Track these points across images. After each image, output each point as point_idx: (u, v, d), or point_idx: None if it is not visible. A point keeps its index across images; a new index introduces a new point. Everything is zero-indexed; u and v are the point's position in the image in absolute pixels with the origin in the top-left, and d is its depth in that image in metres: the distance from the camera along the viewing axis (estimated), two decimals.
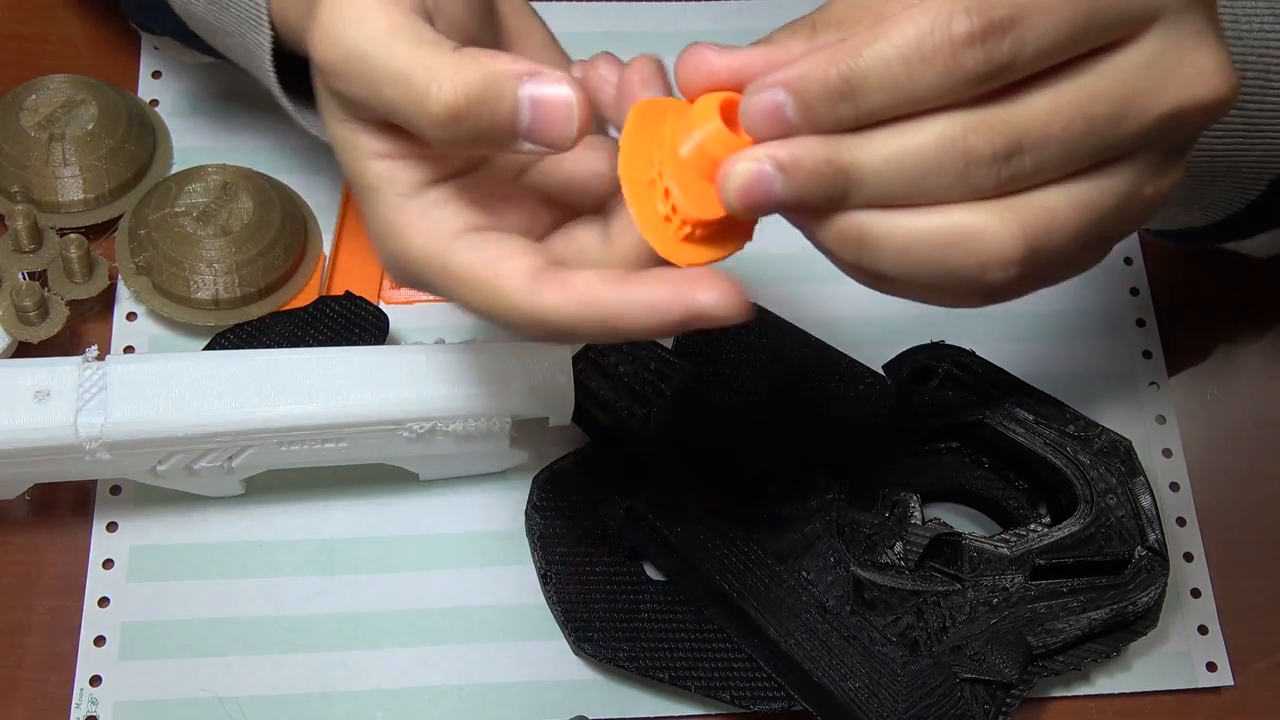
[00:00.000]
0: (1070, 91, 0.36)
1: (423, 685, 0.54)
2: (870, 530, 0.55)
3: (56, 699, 0.52)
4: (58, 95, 0.60)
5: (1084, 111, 0.36)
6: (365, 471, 0.55)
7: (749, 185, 0.36)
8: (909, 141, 0.36)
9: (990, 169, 0.35)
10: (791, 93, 0.35)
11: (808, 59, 0.35)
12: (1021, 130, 0.35)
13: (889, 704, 0.51)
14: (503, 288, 0.39)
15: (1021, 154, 0.36)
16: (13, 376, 0.50)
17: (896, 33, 0.35)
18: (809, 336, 0.59)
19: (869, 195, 0.36)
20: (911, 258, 0.37)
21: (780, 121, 0.36)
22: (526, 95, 0.37)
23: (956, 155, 0.35)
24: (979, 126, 0.35)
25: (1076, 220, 0.37)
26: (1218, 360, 0.64)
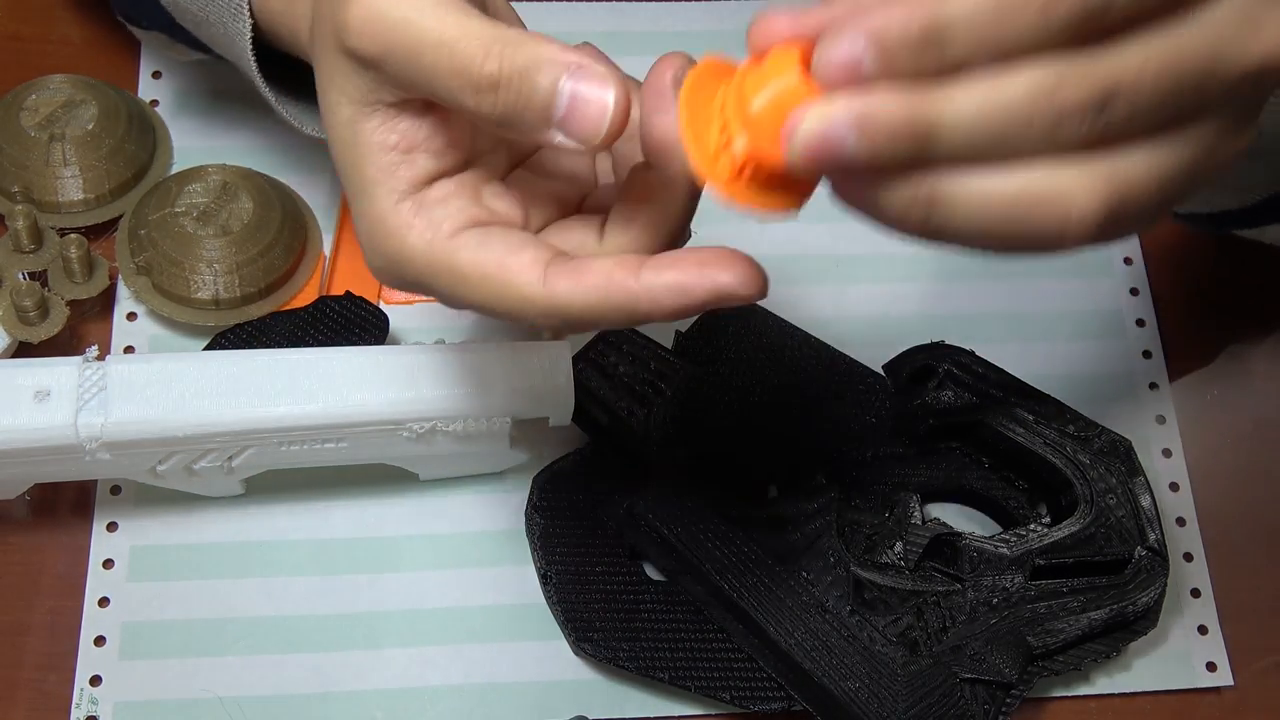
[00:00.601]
0: (1161, 43, 0.34)
1: (423, 685, 0.54)
2: (870, 530, 0.55)
3: (56, 699, 0.52)
4: (58, 95, 0.60)
5: (1175, 63, 0.34)
6: (365, 471, 0.55)
7: (818, 142, 0.33)
8: (1000, 93, 0.34)
9: (1081, 122, 0.34)
10: (872, 41, 0.33)
11: (889, 6, 0.33)
12: (1115, 81, 0.34)
13: (889, 704, 0.51)
14: (515, 281, 0.39)
15: (1114, 106, 0.34)
16: (13, 376, 0.50)
17: None
18: (809, 336, 0.59)
19: (951, 151, 0.34)
20: (989, 219, 0.35)
21: (857, 73, 0.33)
22: (567, 88, 0.37)
23: (1049, 107, 0.34)
24: (1073, 77, 0.34)
25: (1157, 181, 0.36)
26: (1218, 360, 0.64)
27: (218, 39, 0.53)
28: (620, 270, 0.38)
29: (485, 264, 0.39)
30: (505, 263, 0.39)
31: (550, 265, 0.39)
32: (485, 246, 0.39)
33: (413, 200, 0.40)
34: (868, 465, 0.57)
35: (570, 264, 0.39)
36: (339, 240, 0.61)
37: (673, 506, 0.53)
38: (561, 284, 0.38)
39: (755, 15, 0.35)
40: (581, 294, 0.38)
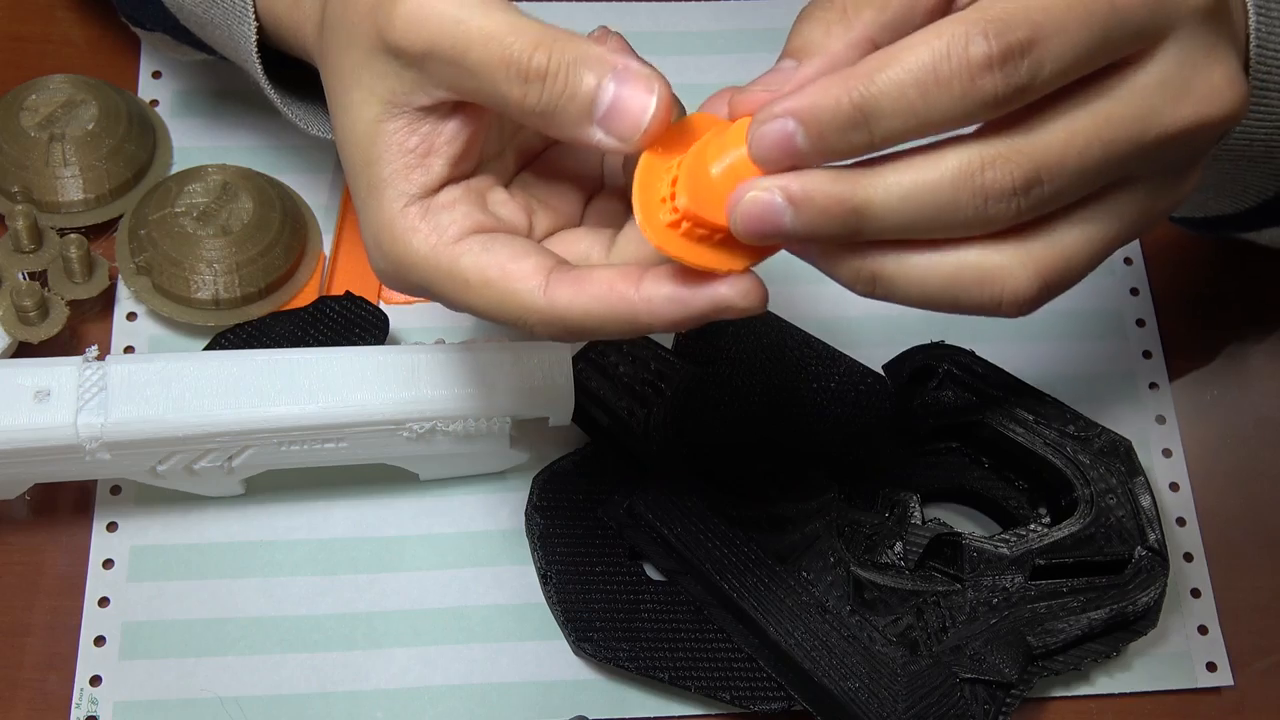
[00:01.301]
0: (1086, 117, 0.35)
1: (423, 685, 0.54)
2: (870, 530, 0.55)
3: (56, 699, 0.52)
4: (58, 95, 0.60)
5: (1101, 137, 0.35)
6: (365, 471, 0.55)
7: (759, 214, 0.36)
8: (925, 176, 0.35)
9: (1008, 202, 0.35)
10: (802, 122, 0.35)
11: (819, 86, 0.35)
12: (1040, 160, 0.35)
13: (889, 704, 0.51)
14: (517, 288, 0.39)
15: (1040, 185, 0.35)
16: (13, 376, 0.50)
17: (911, 57, 0.34)
18: (809, 336, 0.59)
19: (882, 230, 0.36)
20: (929, 293, 0.37)
21: (790, 151, 0.35)
22: (610, 87, 0.37)
23: (975, 190, 0.35)
24: (997, 159, 0.35)
25: (1090, 250, 0.37)
26: (1218, 360, 0.64)
27: (221, 41, 0.53)
28: (621, 281, 0.38)
29: (488, 270, 0.39)
30: (507, 269, 0.39)
31: (552, 273, 0.39)
32: (489, 252, 0.40)
33: (420, 204, 0.40)
34: (868, 465, 0.57)
35: (572, 273, 0.39)
36: (339, 240, 0.61)
37: (673, 506, 0.53)
38: (563, 292, 0.38)
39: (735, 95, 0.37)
40: (582, 303, 0.38)
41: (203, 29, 0.54)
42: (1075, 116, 0.35)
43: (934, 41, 0.34)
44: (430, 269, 0.40)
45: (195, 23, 0.54)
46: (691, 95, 0.66)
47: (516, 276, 0.39)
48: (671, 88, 0.38)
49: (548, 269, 0.39)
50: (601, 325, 0.39)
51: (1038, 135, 0.35)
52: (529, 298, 0.39)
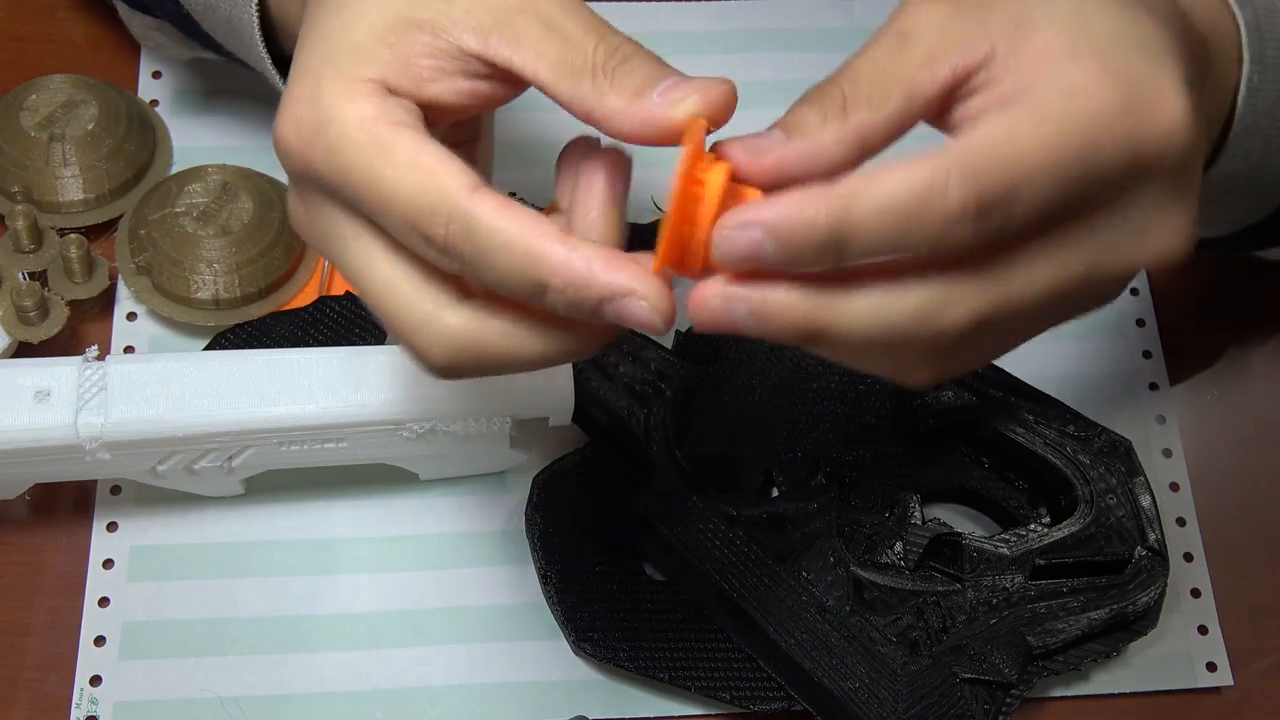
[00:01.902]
0: (1048, 262, 0.36)
1: (423, 685, 0.54)
2: (870, 530, 0.55)
3: (56, 699, 0.52)
4: (58, 95, 0.60)
5: (1059, 281, 0.36)
6: (365, 471, 0.55)
7: (716, 315, 0.36)
8: (890, 308, 0.35)
9: (960, 341, 0.36)
10: (775, 236, 0.34)
11: (795, 202, 0.34)
12: (999, 304, 0.36)
13: (889, 704, 0.51)
14: (445, 181, 0.36)
15: (996, 325, 0.36)
16: (13, 376, 0.50)
17: (888, 191, 0.34)
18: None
19: (839, 348, 0.36)
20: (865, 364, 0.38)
21: (756, 259, 0.35)
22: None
23: (932, 328, 0.35)
24: (959, 300, 0.35)
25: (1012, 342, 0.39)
26: (1218, 361, 0.64)
27: (221, 25, 0.53)
28: (549, 224, 0.36)
29: (423, 153, 0.36)
30: (444, 161, 0.37)
31: (482, 187, 0.37)
32: (430, 146, 0.37)
33: (379, 87, 0.38)
34: (868, 465, 0.57)
35: (502, 196, 0.37)
36: None
37: (673, 506, 0.53)
38: (489, 203, 0.36)
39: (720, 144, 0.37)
40: (504, 223, 0.36)
41: (206, 13, 0.54)
42: (1037, 260, 0.36)
43: (914, 181, 0.34)
44: (358, 132, 0.37)
45: (200, 5, 0.53)
46: None
47: (451, 171, 0.36)
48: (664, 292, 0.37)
49: (479, 182, 0.37)
50: (510, 256, 0.36)
51: (1001, 278, 0.35)
52: (455, 193, 0.36)
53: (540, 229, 0.36)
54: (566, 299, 0.36)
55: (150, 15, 0.59)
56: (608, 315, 0.36)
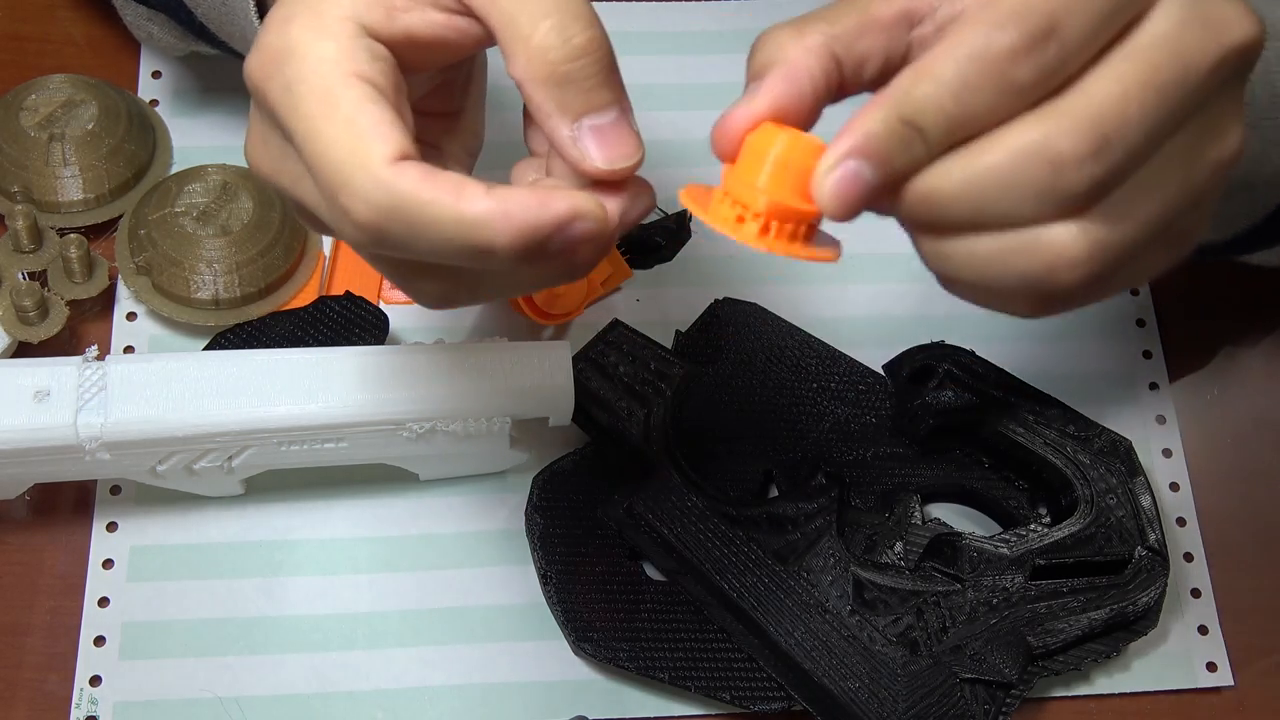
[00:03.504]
0: (1132, 71, 0.35)
1: (423, 685, 0.54)
2: (870, 530, 0.55)
3: (56, 699, 0.52)
4: (58, 95, 0.60)
5: (1153, 84, 0.35)
6: (365, 471, 0.55)
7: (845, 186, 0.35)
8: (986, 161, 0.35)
9: (1079, 170, 0.35)
10: (865, 156, 0.35)
11: (861, 117, 0.35)
12: (1104, 119, 0.35)
13: (889, 704, 0.51)
14: (371, 147, 0.36)
15: (1110, 146, 0.35)
16: (13, 376, 0.50)
17: (940, 67, 0.34)
18: (809, 336, 0.59)
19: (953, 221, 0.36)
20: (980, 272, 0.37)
21: (863, 187, 0.35)
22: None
23: (1044, 164, 0.35)
24: (1061, 129, 0.35)
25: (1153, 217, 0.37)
26: (1218, 360, 0.64)
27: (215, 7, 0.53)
28: (475, 184, 0.36)
29: (361, 115, 0.36)
30: (380, 126, 0.36)
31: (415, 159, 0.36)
32: (376, 104, 0.37)
33: (349, 21, 0.37)
34: (868, 465, 0.57)
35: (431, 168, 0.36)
36: (339, 240, 0.61)
37: (673, 506, 0.53)
38: (413, 171, 0.36)
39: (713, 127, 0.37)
40: (429, 187, 0.35)
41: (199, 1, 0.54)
42: (1123, 72, 0.35)
43: (958, 49, 0.34)
44: (314, 75, 0.37)
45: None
46: (692, 95, 0.66)
47: (383, 135, 0.36)
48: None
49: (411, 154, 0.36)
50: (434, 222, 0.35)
51: (1094, 97, 0.35)
52: (375, 161, 0.35)
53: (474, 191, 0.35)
54: (517, 249, 0.36)
55: (145, 4, 0.59)
56: (557, 246, 0.36)
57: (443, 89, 0.43)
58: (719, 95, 0.66)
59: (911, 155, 0.35)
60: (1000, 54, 0.34)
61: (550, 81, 0.36)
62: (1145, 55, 0.35)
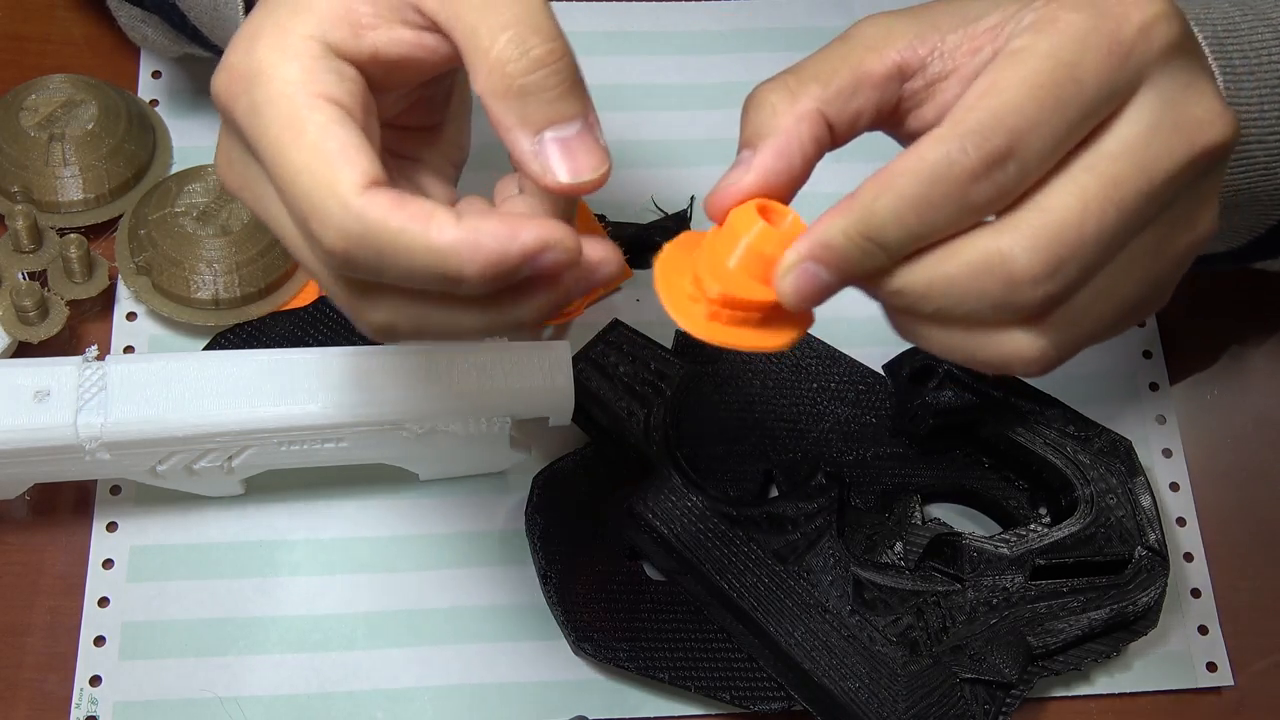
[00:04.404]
0: (1093, 184, 0.36)
1: (423, 685, 0.54)
2: (870, 530, 0.55)
3: (56, 699, 0.52)
4: (58, 95, 0.60)
5: (1112, 199, 0.36)
6: (365, 471, 0.55)
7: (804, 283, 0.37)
8: (946, 270, 0.36)
9: (1033, 289, 0.36)
10: (822, 263, 0.36)
11: (824, 223, 0.36)
12: (1057, 238, 0.35)
13: (889, 704, 0.51)
14: (340, 174, 0.35)
15: (1064, 265, 0.36)
16: (13, 376, 0.50)
17: (902, 183, 0.35)
18: (809, 336, 0.59)
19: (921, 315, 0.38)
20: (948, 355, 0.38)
21: (820, 287, 0.37)
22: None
23: (998, 279, 0.36)
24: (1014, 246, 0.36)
25: (1113, 315, 0.38)
26: (1218, 360, 0.64)
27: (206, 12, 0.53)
28: (445, 212, 0.36)
29: (329, 141, 0.36)
30: (347, 151, 0.36)
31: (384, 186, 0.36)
32: (343, 128, 0.36)
33: (315, 41, 0.37)
34: (868, 465, 0.57)
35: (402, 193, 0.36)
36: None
37: (673, 506, 0.53)
38: (384, 198, 0.36)
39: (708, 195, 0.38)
40: (399, 216, 0.35)
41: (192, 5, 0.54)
42: (1084, 185, 0.36)
43: (919, 166, 0.35)
44: (280, 99, 0.36)
45: None
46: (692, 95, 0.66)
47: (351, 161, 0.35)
48: None
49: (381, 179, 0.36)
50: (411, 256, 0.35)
51: (1051, 213, 0.36)
52: (344, 188, 0.35)
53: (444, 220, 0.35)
54: (487, 279, 0.36)
55: (139, 6, 0.59)
56: (525, 273, 0.37)
57: (422, 103, 0.43)
58: (719, 95, 0.66)
59: (871, 264, 0.36)
60: (961, 175, 0.35)
61: (509, 94, 0.36)
62: (1108, 168, 0.36)
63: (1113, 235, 0.36)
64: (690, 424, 0.56)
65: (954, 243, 0.36)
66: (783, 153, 0.37)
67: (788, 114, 0.37)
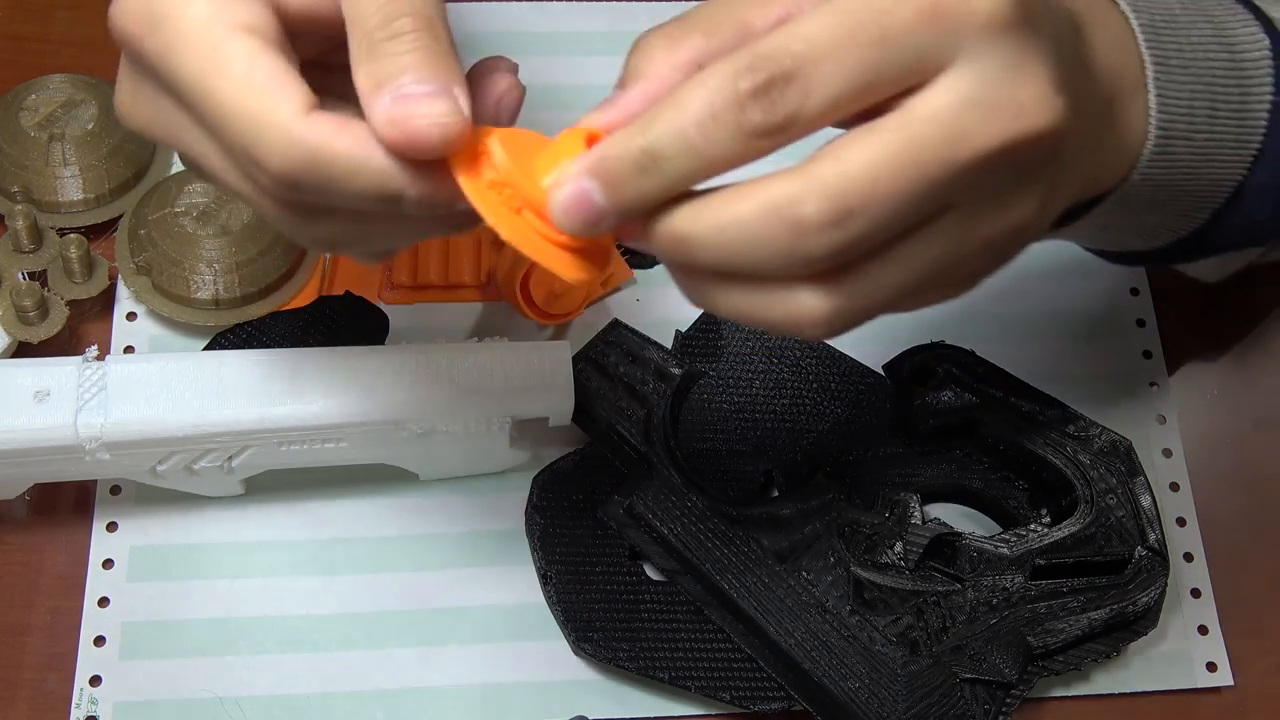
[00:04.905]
0: (894, 142, 0.35)
1: (423, 685, 0.54)
2: (870, 530, 0.55)
3: (56, 699, 0.52)
4: (58, 95, 0.60)
5: (911, 160, 0.35)
6: (365, 471, 0.55)
7: (573, 201, 0.35)
8: (733, 211, 0.35)
9: (821, 236, 0.35)
10: (595, 176, 0.35)
11: (607, 139, 0.35)
12: (849, 190, 0.34)
13: (889, 704, 0.51)
14: (277, 103, 0.35)
15: (853, 216, 0.35)
16: (13, 376, 0.50)
17: (687, 97, 0.34)
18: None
19: (705, 267, 0.36)
20: (735, 316, 0.37)
21: (590, 208, 0.35)
22: None
23: (785, 225, 0.35)
24: (806, 192, 0.35)
25: (901, 286, 0.37)
26: (1218, 360, 0.64)
27: None
28: None
29: (255, 68, 0.36)
30: (281, 78, 0.36)
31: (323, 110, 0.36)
32: (268, 55, 0.36)
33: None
34: (868, 465, 0.57)
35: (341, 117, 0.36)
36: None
37: (673, 506, 0.53)
38: (326, 123, 0.35)
39: None
40: (343, 139, 0.35)
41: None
42: (885, 143, 0.35)
43: (708, 80, 0.34)
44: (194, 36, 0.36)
45: None
46: None
47: (286, 90, 0.35)
48: None
49: (317, 104, 0.36)
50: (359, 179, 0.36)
51: (847, 164, 0.35)
52: (283, 114, 0.35)
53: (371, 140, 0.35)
54: (423, 202, 0.36)
55: None
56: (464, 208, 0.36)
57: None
58: None
59: (642, 189, 0.35)
60: (743, 95, 0.34)
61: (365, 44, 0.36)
62: (914, 130, 0.35)
63: (910, 199, 0.35)
64: (690, 424, 0.56)
65: (744, 187, 0.35)
66: (650, 97, 0.36)
67: (664, 62, 0.37)
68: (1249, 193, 0.48)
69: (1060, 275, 0.64)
